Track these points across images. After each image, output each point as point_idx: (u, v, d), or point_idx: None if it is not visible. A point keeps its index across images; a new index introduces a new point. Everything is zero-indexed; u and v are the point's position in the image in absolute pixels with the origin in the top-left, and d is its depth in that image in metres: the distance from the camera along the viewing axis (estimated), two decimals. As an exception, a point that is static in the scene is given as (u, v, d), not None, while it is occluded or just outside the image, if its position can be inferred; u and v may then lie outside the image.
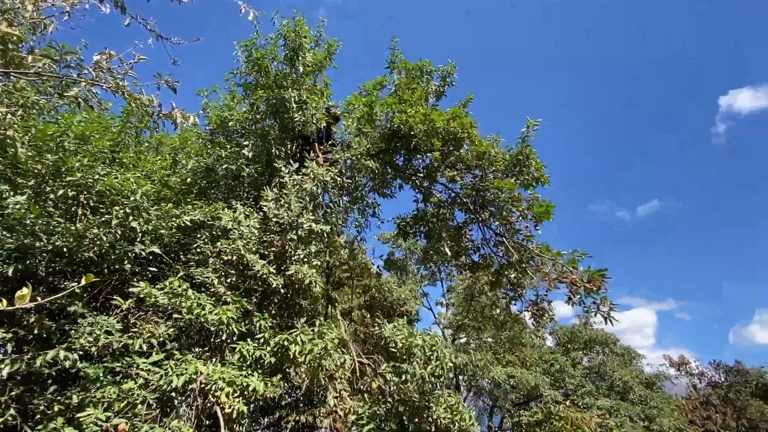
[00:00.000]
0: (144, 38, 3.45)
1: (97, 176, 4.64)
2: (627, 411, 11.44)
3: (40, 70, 2.63)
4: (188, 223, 5.58)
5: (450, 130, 6.26)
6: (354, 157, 8.43)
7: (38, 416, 3.43)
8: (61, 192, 4.36)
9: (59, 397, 3.52)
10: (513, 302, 7.28)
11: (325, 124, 7.76)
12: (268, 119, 7.89)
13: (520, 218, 6.59)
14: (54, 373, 3.49)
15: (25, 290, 1.28)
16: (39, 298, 4.06)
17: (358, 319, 14.69)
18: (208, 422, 3.82)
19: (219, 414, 3.60)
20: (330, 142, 8.08)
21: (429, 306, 16.80)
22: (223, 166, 7.18)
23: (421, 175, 7.54)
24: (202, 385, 3.75)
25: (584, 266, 5.90)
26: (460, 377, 15.20)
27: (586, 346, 15.62)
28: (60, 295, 1.84)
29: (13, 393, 3.30)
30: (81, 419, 3.22)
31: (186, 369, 3.69)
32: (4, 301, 1.25)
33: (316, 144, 7.92)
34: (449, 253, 6.71)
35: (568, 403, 8.71)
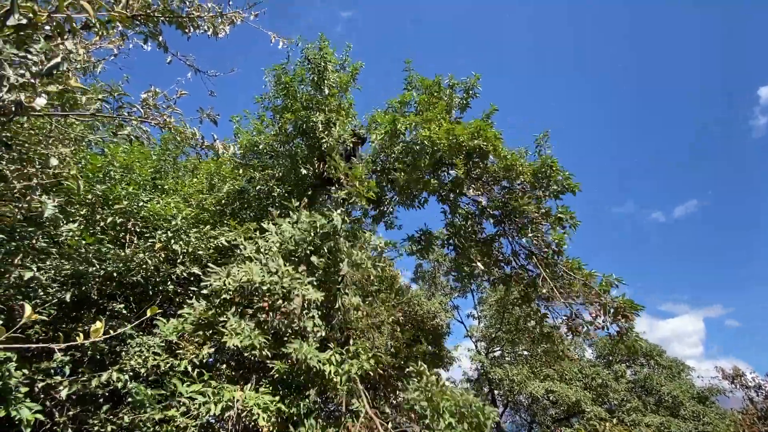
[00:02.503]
0: (180, 71, 3.69)
1: (141, 203, 4.92)
2: (678, 428, 10.69)
3: (95, 111, 2.85)
4: (225, 243, 5.79)
5: (474, 144, 6.24)
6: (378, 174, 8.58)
7: (93, 435, 3.60)
8: (109, 219, 4.65)
9: (111, 416, 3.69)
10: (546, 318, 7.06)
11: (351, 144, 7.93)
12: (296, 140, 8.15)
13: (550, 231, 6.42)
14: (107, 393, 3.67)
15: (98, 324, 1.38)
16: (89, 324, 4.30)
17: (388, 333, 14.57)
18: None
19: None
20: (359, 157, 8.23)
21: (460, 319, 16.52)
22: (256, 187, 7.45)
23: (447, 188, 7.53)
24: (239, 411, 3.83)
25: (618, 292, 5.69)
26: (496, 392, 14.73)
27: (630, 358, 14.82)
28: (129, 327, 1.95)
29: (70, 413, 3.49)
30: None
31: (222, 396, 3.77)
32: (81, 335, 1.35)
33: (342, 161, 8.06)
34: (482, 268, 6.60)
35: (615, 421, 8.23)
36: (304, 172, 8.11)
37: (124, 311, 4.80)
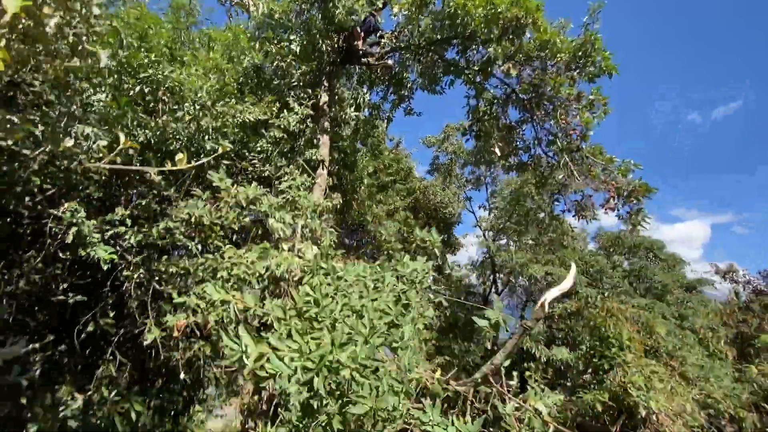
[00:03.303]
0: None
1: (166, 73, 4.86)
2: (661, 309, 11.89)
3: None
4: (249, 119, 5.86)
5: (512, 14, 5.67)
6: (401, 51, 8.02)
7: (159, 277, 4.28)
8: (137, 89, 4.68)
9: (174, 263, 4.33)
10: (557, 203, 7.37)
11: (369, 13, 7.24)
12: (312, 10, 7.47)
13: (578, 117, 6.29)
14: (167, 245, 4.24)
15: (181, 155, 1.57)
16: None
17: (401, 220, 15.45)
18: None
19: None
20: (379, 34, 7.62)
21: (471, 210, 17.18)
22: (273, 64, 7.13)
23: (476, 68, 7.10)
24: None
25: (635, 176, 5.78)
26: (498, 275, 16.15)
27: (630, 251, 15.68)
28: (203, 161, 2.17)
29: (138, 258, 4.10)
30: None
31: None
32: (169, 163, 1.55)
33: (361, 35, 7.46)
34: (499, 154, 6.65)
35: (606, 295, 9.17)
36: (322, 48, 7.63)
37: (159, 178, 5.14)
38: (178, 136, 4.71)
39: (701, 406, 8.53)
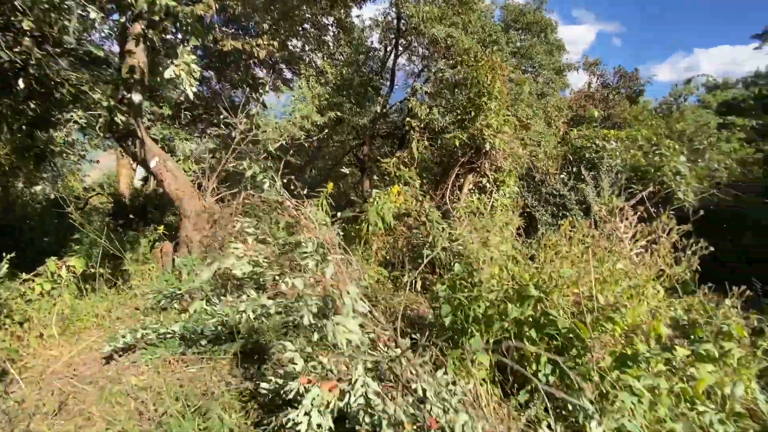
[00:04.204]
0: None
1: None
2: (531, 86, 13.45)
3: None
4: None
5: None
6: None
7: None
8: None
9: None
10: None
11: None
12: None
13: None
14: None
15: None
16: None
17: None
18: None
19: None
20: None
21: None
22: None
23: None
24: None
25: None
26: (401, 41, 15.37)
27: (527, 28, 15.99)
28: None
29: None
30: None
31: None
32: None
33: None
34: None
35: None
36: None
37: None
38: None
39: (529, 156, 11.10)
